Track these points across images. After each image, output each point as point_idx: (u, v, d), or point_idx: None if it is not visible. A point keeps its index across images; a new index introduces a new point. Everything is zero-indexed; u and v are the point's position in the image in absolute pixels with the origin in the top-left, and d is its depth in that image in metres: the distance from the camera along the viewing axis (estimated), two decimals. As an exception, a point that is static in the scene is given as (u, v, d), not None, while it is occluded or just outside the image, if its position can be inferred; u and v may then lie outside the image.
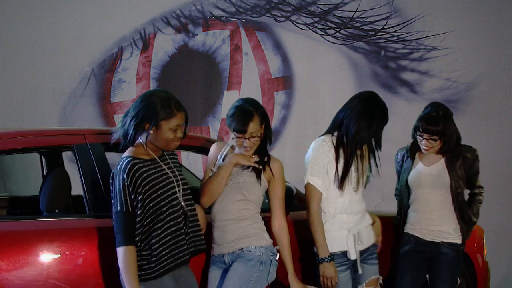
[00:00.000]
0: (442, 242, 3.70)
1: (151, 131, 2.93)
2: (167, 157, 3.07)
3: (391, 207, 4.80)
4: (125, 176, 2.87)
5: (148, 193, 2.90)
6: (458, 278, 3.98)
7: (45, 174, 4.06)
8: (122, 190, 2.87)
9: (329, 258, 3.32)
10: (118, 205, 2.87)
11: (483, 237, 4.40)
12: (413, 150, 3.81)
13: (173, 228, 2.98)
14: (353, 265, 3.41)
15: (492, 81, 6.38)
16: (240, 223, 3.22)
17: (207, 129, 6.18)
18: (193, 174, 4.61)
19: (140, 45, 6.08)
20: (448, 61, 6.33)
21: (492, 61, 6.40)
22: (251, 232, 3.22)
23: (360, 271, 3.41)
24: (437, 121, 3.64)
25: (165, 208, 2.95)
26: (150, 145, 2.98)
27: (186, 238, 3.03)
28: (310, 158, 3.39)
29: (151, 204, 2.91)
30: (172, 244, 2.96)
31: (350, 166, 3.35)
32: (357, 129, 3.33)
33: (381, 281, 3.54)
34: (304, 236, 3.54)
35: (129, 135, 2.95)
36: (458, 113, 6.31)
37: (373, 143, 3.41)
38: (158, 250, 2.92)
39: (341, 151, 3.37)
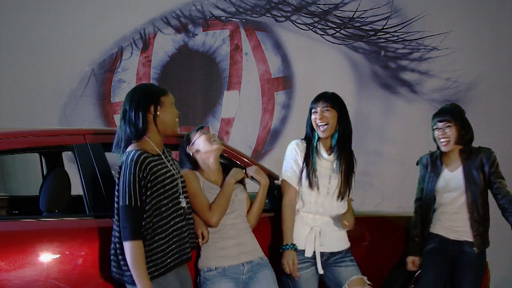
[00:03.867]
0: (465, 241, 3.72)
1: (158, 112, 2.96)
2: (167, 154, 3.09)
3: (391, 207, 4.80)
4: (137, 169, 2.84)
5: (156, 188, 2.90)
6: None
7: (45, 174, 4.07)
8: (133, 183, 2.83)
9: (290, 246, 3.43)
10: (127, 198, 2.83)
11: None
12: (435, 158, 3.86)
13: (178, 225, 2.99)
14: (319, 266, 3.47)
15: (492, 81, 6.38)
16: (251, 234, 3.39)
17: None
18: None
19: (140, 45, 6.08)
20: (448, 61, 6.32)
21: (492, 61, 6.40)
22: (257, 244, 3.41)
23: (320, 272, 3.46)
24: (448, 109, 3.79)
25: (170, 204, 2.96)
26: (155, 138, 2.98)
27: (186, 234, 3.05)
28: (286, 158, 3.58)
29: (159, 199, 2.91)
30: (177, 240, 2.98)
31: (307, 167, 3.48)
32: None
33: (369, 282, 3.53)
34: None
35: (140, 124, 2.94)
36: (458, 113, 6.32)
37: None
38: (165, 246, 2.92)
39: (305, 153, 3.54)
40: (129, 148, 2.94)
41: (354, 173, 3.58)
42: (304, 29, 6.22)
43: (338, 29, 6.23)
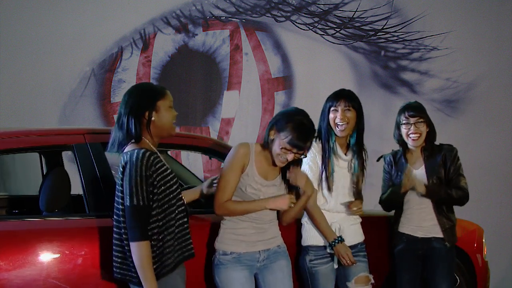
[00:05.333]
0: (433, 237, 3.74)
1: (153, 118, 2.91)
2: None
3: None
4: (144, 167, 2.80)
5: (163, 187, 2.87)
6: (457, 277, 3.98)
7: (44, 173, 4.07)
8: (140, 183, 2.79)
9: (339, 239, 3.45)
10: (135, 198, 2.79)
11: (482, 236, 4.40)
12: (403, 154, 3.84)
13: (182, 221, 2.97)
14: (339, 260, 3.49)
15: (492, 81, 6.38)
16: (273, 223, 3.31)
17: (207, 129, 6.18)
18: (193, 174, 4.61)
19: (140, 45, 6.08)
20: (448, 61, 6.33)
21: (492, 61, 6.40)
22: (278, 232, 3.35)
23: (335, 266, 3.48)
24: (417, 105, 3.81)
25: (174, 201, 2.93)
26: (150, 138, 2.95)
27: (189, 231, 3.03)
28: (305, 160, 3.52)
29: (166, 199, 2.89)
30: (181, 236, 2.96)
31: (326, 170, 3.48)
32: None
33: (372, 280, 3.56)
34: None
35: (133, 131, 2.89)
36: (458, 113, 6.32)
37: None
38: (172, 244, 2.90)
39: (322, 154, 3.53)
40: (129, 148, 2.92)
41: (366, 169, 3.60)
42: (304, 29, 6.22)
43: (338, 29, 6.23)
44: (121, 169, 2.88)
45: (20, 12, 5.95)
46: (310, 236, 3.51)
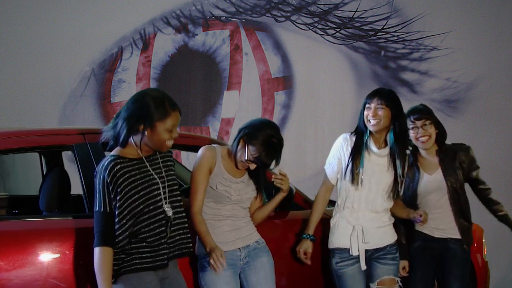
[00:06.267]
0: (450, 238, 3.74)
1: (146, 133, 2.87)
2: (158, 157, 3.01)
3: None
4: (105, 175, 2.83)
5: (129, 194, 2.85)
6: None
7: (44, 173, 4.07)
8: (102, 189, 2.83)
9: (309, 236, 3.52)
10: (97, 204, 2.84)
11: (482, 236, 4.40)
12: (414, 161, 3.82)
13: (156, 231, 2.92)
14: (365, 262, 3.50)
15: (492, 81, 6.38)
16: (247, 220, 3.36)
17: (207, 129, 6.18)
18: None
19: (140, 45, 6.08)
20: (448, 61, 6.32)
21: (492, 61, 6.40)
22: (254, 228, 3.40)
23: (363, 268, 3.48)
24: (422, 108, 3.78)
25: (146, 210, 2.89)
26: (143, 145, 2.91)
27: (168, 241, 2.96)
28: (332, 149, 3.58)
29: (133, 206, 2.85)
30: (153, 246, 2.91)
31: (353, 162, 3.45)
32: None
33: (400, 283, 3.56)
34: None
35: (121, 137, 2.88)
36: (458, 113, 6.32)
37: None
38: (139, 250, 2.88)
39: (353, 147, 3.52)
40: (112, 152, 2.94)
41: (402, 169, 3.53)
42: (304, 29, 6.22)
43: (338, 29, 6.23)
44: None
45: (20, 12, 5.95)
46: (335, 239, 3.52)
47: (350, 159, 3.47)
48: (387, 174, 3.50)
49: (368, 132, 3.48)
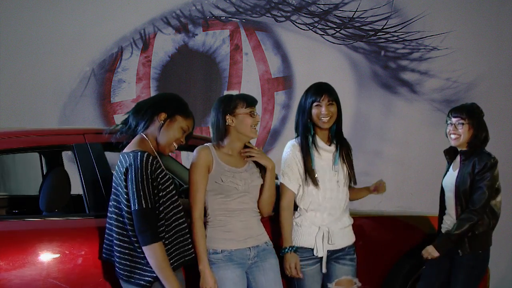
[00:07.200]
0: None
1: (162, 122, 2.94)
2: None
3: (391, 207, 4.80)
4: (149, 171, 2.82)
5: (165, 190, 2.90)
6: None
7: (44, 173, 4.07)
8: (146, 186, 2.81)
9: (290, 248, 3.42)
10: (143, 201, 2.80)
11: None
12: (449, 154, 3.85)
13: (183, 225, 3.00)
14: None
15: (492, 81, 6.38)
16: (258, 219, 3.35)
17: (207, 129, 6.18)
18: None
19: (140, 45, 6.08)
20: (448, 61, 6.32)
21: (492, 61, 6.39)
22: (263, 229, 3.38)
23: (324, 270, 3.46)
24: (466, 106, 3.76)
25: (173, 205, 2.95)
26: (153, 142, 2.97)
27: (189, 235, 3.04)
28: (283, 160, 3.53)
29: (168, 202, 2.92)
30: (180, 241, 2.97)
31: (305, 164, 3.45)
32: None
33: (358, 284, 3.52)
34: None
35: (142, 123, 2.94)
36: (458, 113, 6.32)
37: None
38: (173, 244, 2.93)
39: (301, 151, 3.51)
40: (129, 148, 2.93)
41: (351, 157, 3.58)
42: (304, 29, 6.22)
43: (338, 29, 6.23)
44: (122, 170, 2.88)
45: (20, 12, 5.95)
46: (298, 238, 3.48)
47: (303, 163, 3.46)
48: (342, 166, 3.52)
49: (312, 132, 3.49)
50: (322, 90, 3.50)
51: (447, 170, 3.85)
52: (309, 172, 3.44)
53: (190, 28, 6.16)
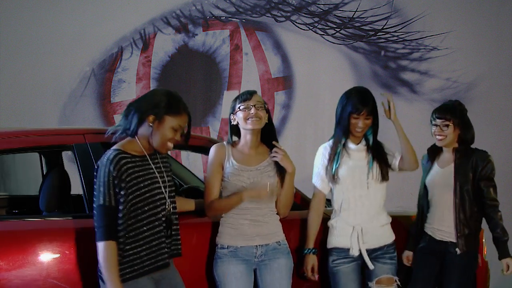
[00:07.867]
0: (451, 242, 3.70)
1: (153, 125, 2.89)
2: (158, 157, 3.03)
3: (391, 207, 4.79)
4: (111, 169, 2.81)
5: (131, 190, 2.85)
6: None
7: (44, 173, 4.07)
8: (107, 183, 2.81)
9: (311, 250, 3.48)
10: (101, 198, 2.81)
11: (482, 236, 4.39)
12: (433, 152, 3.84)
13: (155, 230, 2.93)
14: (363, 261, 3.50)
15: (492, 81, 6.38)
16: (273, 218, 3.36)
17: (207, 129, 6.19)
18: (193, 174, 4.61)
19: (140, 45, 6.09)
20: (448, 61, 6.32)
21: (492, 61, 6.39)
22: (279, 227, 3.38)
23: (371, 267, 3.48)
24: (449, 106, 3.75)
25: (146, 208, 2.90)
26: (144, 141, 2.94)
27: (167, 241, 2.98)
28: (314, 161, 3.61)
29: (134, 201, 2.86)
30: (152, 246, 2.92)
31: (336, 163, 3.48)
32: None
33: (398, 282, 3.55)
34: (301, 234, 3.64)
35: (132, 126, 2.91)
36: (458, 113, 6.32)
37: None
38: (137, 250, 2.88)
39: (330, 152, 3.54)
40: (116, 145, 2.93)
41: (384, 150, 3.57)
42: (304, 29, 6.22)
43: (338, 29, 6.23)
44: (96, 167, 2.90)
45: (20, 12, 5.96)
46: (334, 239, 3.52)
47: (330, 163, 3.50)
48: (373, 164, 3.52)
49: (344, 138, 3.51)
50: (362, 105, 3.47)
51: (430, 169, 3.82)
52: (335, 171, 3.48)
53: (190, 28, 6.16)
